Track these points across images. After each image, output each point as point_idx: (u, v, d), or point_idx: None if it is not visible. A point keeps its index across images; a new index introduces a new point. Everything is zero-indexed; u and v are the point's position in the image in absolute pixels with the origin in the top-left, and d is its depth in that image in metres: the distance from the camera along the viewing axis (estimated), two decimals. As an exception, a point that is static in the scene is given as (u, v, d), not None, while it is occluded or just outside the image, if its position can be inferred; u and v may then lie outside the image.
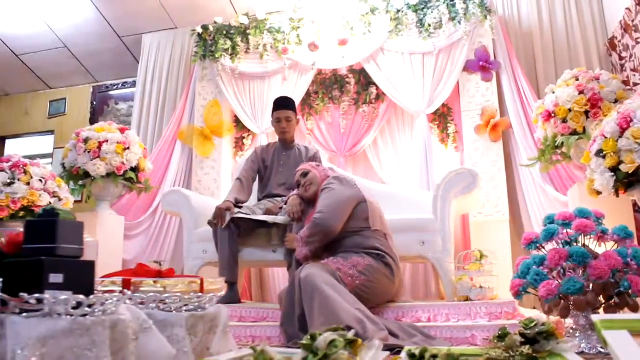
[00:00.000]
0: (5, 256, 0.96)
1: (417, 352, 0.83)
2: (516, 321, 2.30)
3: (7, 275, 0.89)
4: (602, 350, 1.90)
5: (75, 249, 0.93)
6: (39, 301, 0.82)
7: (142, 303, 1.12)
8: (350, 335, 0.95)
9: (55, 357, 0.77)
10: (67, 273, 0.88)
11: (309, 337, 0.84)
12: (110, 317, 0.89)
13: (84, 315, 0.85)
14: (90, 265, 0.95)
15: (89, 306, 0.87)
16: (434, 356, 0.80)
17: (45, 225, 0.91)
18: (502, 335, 1.25)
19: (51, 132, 5.25)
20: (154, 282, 1.20)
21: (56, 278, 0.86)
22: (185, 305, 1.18)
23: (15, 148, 5.44)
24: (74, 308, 0.85)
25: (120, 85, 5.05)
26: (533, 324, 1.26)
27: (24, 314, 0.82)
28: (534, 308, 2.93)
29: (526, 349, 1.17)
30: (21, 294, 0.82)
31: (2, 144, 5.49)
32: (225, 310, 1.31)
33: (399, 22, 3.64)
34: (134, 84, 4.87)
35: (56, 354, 0.78)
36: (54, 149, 5.16)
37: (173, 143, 4.02)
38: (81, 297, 0.86)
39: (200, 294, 1.23)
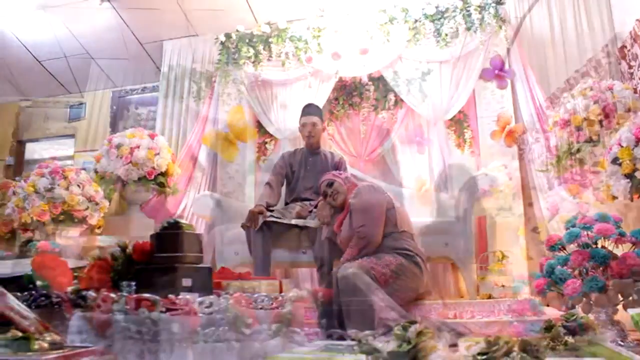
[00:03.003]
0: (136, 263, 1.11)
1: (491, 339, 0.98)
2: (537, 317, 2.47)
3: (139, 280, 1.05)
4: (622, 343, 2.07)
5: (197, 256, 1.08)
6: (182, 301, 0.98)
7: (233, 302, 1.27)
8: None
9: (199, 349, 0.93)
10: (194, 277, 1.03)
11: (401, 327, 1.00)
12: (231, 314, 1.04)
13: (211, 313, 1.01)
14: (209, 270, 1.10)
15: (216, 305, 1.03)
16: (507, 342, 0.95)
17: (173, 237, 1.06)
18: (548, 327, 1.42)
19: (71, 136, 5.37)
20: (240, 283, 1.35)
21: (187, 282, 1.02)
22: (271, 303, 1.34)
23: (35, 152, 5.55)
24: (206, 307, 1.01)
25: (140, 90, 5.16)
26: (574, 317, 1.43)
27: (167, 312, 0.97)
28: (548, 305, 3.10)
29: (569, 339, 1.34)
30: (170, 295, 0.97)
31: (22, 147, 5.60)
32: (302, 308, 1.47)
33: (417, 31, 3.79)
34: (153, 89, 4.99)
35: (200, 346, 0.93)
36: (75, 152, 5.28)
37: (198, 147, 4.15)
38: (212, 297, 1.02)
39: (282, 294, 1.39)
